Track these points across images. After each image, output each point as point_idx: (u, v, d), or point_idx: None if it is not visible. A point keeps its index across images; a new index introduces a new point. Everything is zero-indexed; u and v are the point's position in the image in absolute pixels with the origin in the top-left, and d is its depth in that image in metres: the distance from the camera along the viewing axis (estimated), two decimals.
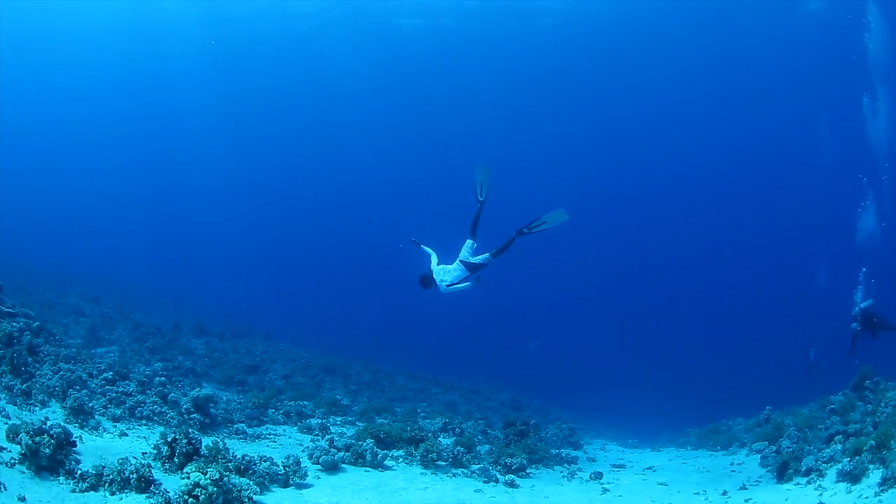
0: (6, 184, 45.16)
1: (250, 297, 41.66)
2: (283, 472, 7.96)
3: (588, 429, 20.29)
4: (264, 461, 8.05)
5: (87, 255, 41.06)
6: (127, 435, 9.50)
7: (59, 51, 50.10)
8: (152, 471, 7.22)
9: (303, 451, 10.10)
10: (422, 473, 9.74)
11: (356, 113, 55.18)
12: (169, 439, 7.76)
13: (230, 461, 7.41)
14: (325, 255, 57.97)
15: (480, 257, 10.96)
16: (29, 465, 7.11)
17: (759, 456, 11.53)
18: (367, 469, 9.46)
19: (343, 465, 9.33)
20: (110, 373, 11.62)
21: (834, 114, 36.37)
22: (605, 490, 9.66)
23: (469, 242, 11.05)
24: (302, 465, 8.90)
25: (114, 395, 10.88)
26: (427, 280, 11.09)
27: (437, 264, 11.16)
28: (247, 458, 7.84)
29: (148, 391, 11.39)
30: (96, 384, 11.20)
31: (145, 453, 8.21)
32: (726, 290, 49.63)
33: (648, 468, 12.37)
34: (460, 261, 11.04)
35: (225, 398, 14.13)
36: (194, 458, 7.46)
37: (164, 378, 12.02)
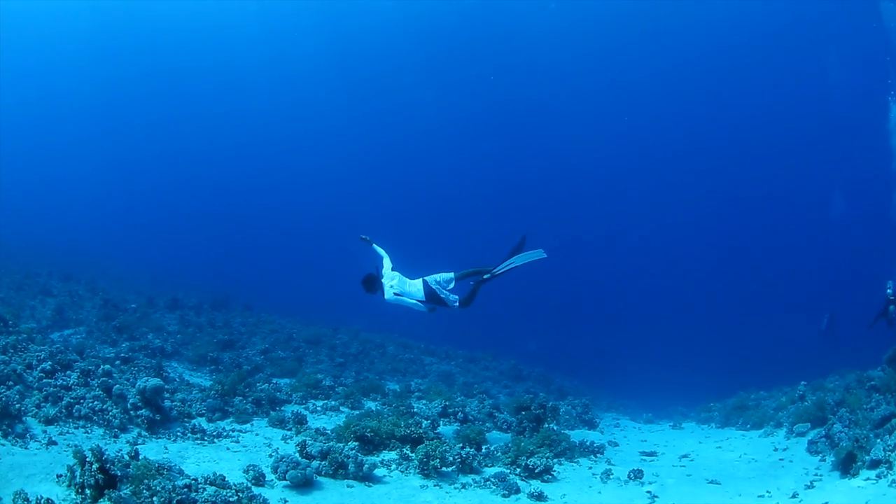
0: None
1: (232, 265, 39.88)
2: (236, 499, 5.93)
3: (596, 400, 18.96)
4: (211, 484, 6.02)
5: (65, 233, 39.55)
6: (56, 444, 7.61)
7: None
8: None
9: (270, 455, 8.20)
10: (422, 486, 7.68)
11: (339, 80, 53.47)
12: (83, 458, 5.82)
13: (157, 493, 5.40)
14: (309, 221, 56.03)
15: (451, 296, 9.68)
16: None
17: (802, 440, 10.37)
18: (351, 483, 7.41)
19: (319, 479, 7.29)
20: (49, 363, 9.70)
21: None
22: (653, 497, 7.76)
23: (450, 276, 9.73)
24: (266, 480, 7.03)
25: (51, 389, 8.98)
26: (372, 282, 9.55)
27: (392, 269, 9.68)
28: (186, 482, 5.81)
29: (91, 382, 9.49)
30: (34, 378, 9.33)
31: (60, 476, 6.29)
32: (732, 256, 48.10)
33: (684, 456, 10.75)
34: (424, 280, 9.63)
35: (188, 381, 12.31)
36: (109, 489, 5.47)
37: (109, 367, 10.06)
